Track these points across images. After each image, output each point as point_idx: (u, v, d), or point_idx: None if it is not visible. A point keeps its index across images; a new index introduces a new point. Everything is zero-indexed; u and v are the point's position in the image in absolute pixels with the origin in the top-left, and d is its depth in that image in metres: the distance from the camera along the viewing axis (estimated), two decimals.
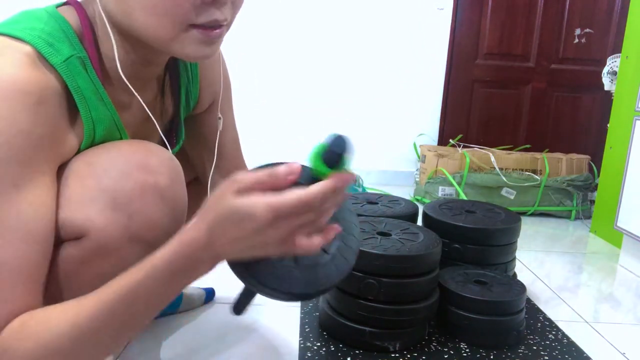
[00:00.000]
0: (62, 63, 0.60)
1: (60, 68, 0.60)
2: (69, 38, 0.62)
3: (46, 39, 0.60)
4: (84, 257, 0.61)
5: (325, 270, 0.61)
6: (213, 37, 0.61)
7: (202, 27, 0.60)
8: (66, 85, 0.61)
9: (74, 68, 0.61)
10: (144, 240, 0.63)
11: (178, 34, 0.60)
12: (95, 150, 0.64)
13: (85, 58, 0.63)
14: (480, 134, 2.79)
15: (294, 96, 2.73)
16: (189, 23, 0.59)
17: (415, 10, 2.66)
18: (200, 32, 0.60)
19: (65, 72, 0.60)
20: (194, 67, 0.81)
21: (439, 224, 1.18)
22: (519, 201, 2.21)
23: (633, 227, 1.59)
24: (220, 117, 0.82)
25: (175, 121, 0.82)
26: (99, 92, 0.65)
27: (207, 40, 0.61)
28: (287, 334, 1.04)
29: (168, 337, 1.01)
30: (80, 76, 0.62)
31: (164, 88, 0.78)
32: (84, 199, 0.61)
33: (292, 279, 0.58)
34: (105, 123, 0.66)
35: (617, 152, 1.88)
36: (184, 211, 0.69)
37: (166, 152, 0.69)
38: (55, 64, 0.59)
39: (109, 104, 0.66)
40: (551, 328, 1.12)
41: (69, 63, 0.61)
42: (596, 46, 2.68)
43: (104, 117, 0.65)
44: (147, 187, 0.62)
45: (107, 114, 0.66)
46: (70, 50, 0.61)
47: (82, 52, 0.63)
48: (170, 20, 0.59)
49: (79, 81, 0.62)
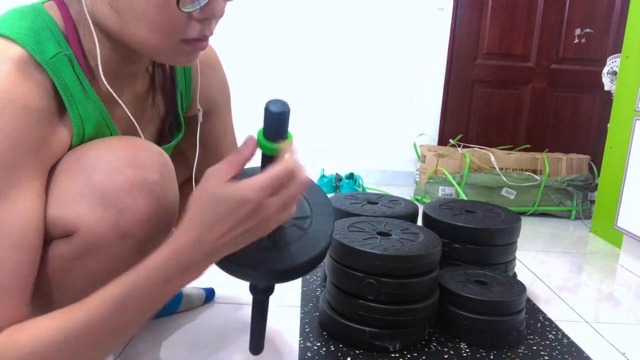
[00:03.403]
0: (49, 60, 0.60)
1: (48, 66, 0.60)
2: (55, 36, 0.62)
3: (33, 37, 0.60)
4: (74, 254, 0.61)
5: (302, 246, 0.64)
6: (199, 49, 0.65)
7: (191, 41, 0.62)
8: (54, 84, 0.61)
9: (61, 66, 0.61)
10: (134, 236, 0.63)
11: (169, 47, 0.62)
12: (84, 147, 0.64)
13: (72, 56, 0.63)
14: (480, 134, 2.79)
15: (294, 96, 2.73)
16: (181, 38, 0.61)
17: (415, 10, 2.66)
18: (189, 46, 0.63)
19: (52, 70, 0.60)
20: (188, 69, 0.81)
21: (439, 224, 1.18)
22: (519, 201, 2.21)
23: (633, 227, 1.59)
24: (200, 108, 0.82)
25: (169, 117, 0.81)
26: (86, 90, 0.64)
27: (194, 52, 0.65)
28: (287, 334, 1.04)
29: (168, 337, 1.01)
30: (67, 74, 0.62)
31: (155, 83, 0.78)
32: (74, 195, 0.61)
33: (271, 258, 0.62)
34: (93, 120, 0.65)
35: (617, 152, 1.88)
36: (174, 206, 0.68)
37: (156, 147, 0.68)
38: (42, 62, 0.59)
39: (97, 101, 0.66)
40: (551, 328, 1.12)
41: (56, 60, 0.61)
42: (596, 46, 2.68)
43: (92, 114, 0.65)
44: (136, 182, 0.62)
45: (96, 111, 0.66)
46: (57, 48, 0.61)
47: (68, 49, 0.62)
48: (164, 35, 0.60)
49: (66, 79, 0.62)
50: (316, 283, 1.27)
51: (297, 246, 0.64)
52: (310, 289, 1.23)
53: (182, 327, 1.06)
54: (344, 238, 0.99)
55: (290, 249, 0.64)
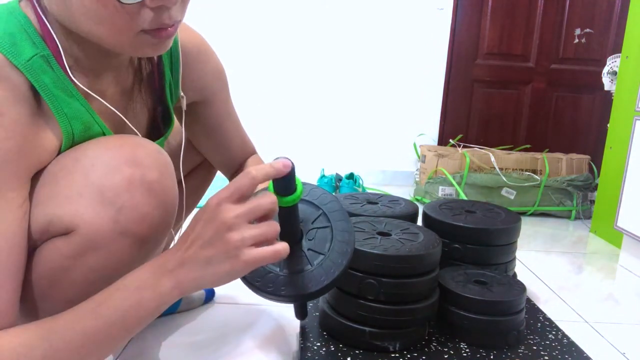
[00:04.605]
0: (26, 63, 0.58)
1: (25, 68, 0.58)
2: (30, 37, 0.60)
3: (8, 39, 0.58)
4: (73, 252, 0.61)
5: (314, 275, 0.68)
6: (164, 37, 0.61)
7: (151, 30, 0.59)
8: (33, 86, 0.59)
9: (39, 67, 0.60)
10: (133, 234, 0.62)
11: (129, 39, 0.59)
12: (82, 146, 0.64)
13: (49, 55, 0.61)
14: (480, 134, 2.79)
15: (294, 96, 2.73)
16: (138, 30, 0.59)
17: (415, 10, 2.66)
18: (151, 36, 0.60)
19: (30, 73, 0.59)
20: (175, 60, 0.80)
21: (439, 224, 1.18)
22: (519, 201, 2.21)
23: (633, 227, 1.59)
24: (183, 95, 0.82)
25: (159, 108, 0.80)
26: (68, 88, 0.63)
27: (160, 42, 0.61)
28: (287, 334, 1.04)
29: (168, 337, 1.01)
30: (47, 74, 0.61)
31: (142, 75, 0.77)
32: (72, 194, 0.60)
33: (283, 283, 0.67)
34: (81, 118, 0.65)
35: (617, 152, 1.88)
36: (174, 204, 0.68)
37: (154, 145, 0.68)
38: (19, 65, 0.58)
39: (81, 98, 0.65)
40: (551, 328, 1.12)
41: (33, 62, 0.59)
42: (596, 46, 2.68)
43: (78, 112, 0.64)
44: (135, 180, 0.62)
45: (81, 109, 0.65)
46: (33, 50, 0.60)
47: (45, 49, 0.61)
48: (117, 29, 0.58)
49: (45, 80, 0.60)
50: None
51: (309, 275, 0.69)
52: None
53: (182, 327, 1.06)
54: None
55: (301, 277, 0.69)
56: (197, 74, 0.84)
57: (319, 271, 0.69)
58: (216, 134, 0.92)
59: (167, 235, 0.69)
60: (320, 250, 0.71)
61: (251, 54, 2.66)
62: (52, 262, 0.62)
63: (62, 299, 0.63)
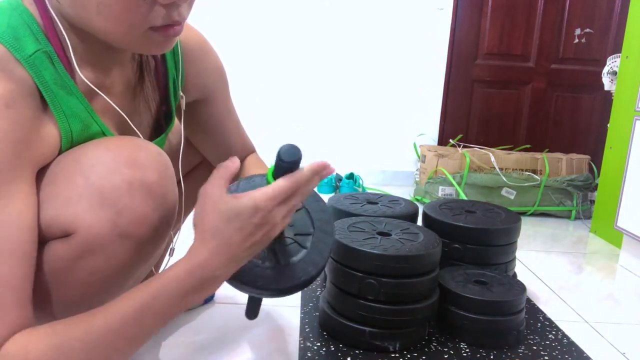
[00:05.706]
0: (28, 58, 0.59)
1: (27, 63, 0.58)
2: (33, 32, 0.60)
3: (11, 33, 0.58)
4: (73, 255, 0.61)
5: (302, 265, 0.69)
6: (171, 35, 0.62)
7: (160, 28, 0.60)
8: (35, 82, 0.59)
9: (41, 63, 0.60)
10: (133, 236, 0.62)
11: (137, 36, 0.60)
12: (82, 148, 0.64)
13: (52, 52, 0.61)
14: (480, 134, 2.79)
15: (294, 96, 2.73)
16: (147, 27, 0.59)
17: (415, 10, 2.66)
18: (159, 34, 0.61)
19: (32, 68, 0.59)
20: (178, 57, 0.80)
21: (439, 224, 1.18)
22: (519, 201, 2.21)
23: (633, 227, 1.59)
24: (183, 95, 0.82)
25: (163, 105, 0.80)
26: (68, 86, 0.63)
27: (167, 40, 0.63)
28: (287, 334, 1.04)
29: (168, 337, 1.01)
30: (48, 71, 0.61)
31: (145, 70, 0.76)
32: (72, 196, 0.60)
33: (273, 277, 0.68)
34: (79, 116, 0.64)
35: (617, 152, 1.88)
36: (174, 206, 0.68)
37: (154, 147, 0.68)
38: (21, 60, 0.58)
39: (81, 97, 0.64)
40: (551, 328, 1.12)
41: (35, 58, 0.59)
42: (596, 46, 2.68)
43: (77, 110, 0.64)
44: (135, 182, 0.62)
45: (80, 107, 0.65)
46: (36, 45, 0.60)
47: (48, 45, 0.61)
48: (128, 25, 0.58)
49: (46, 76, 0.60)
50: (316, 283, 1.27)
51: (299, 265, 0.69)
52: (310, 289, 1.23)
53: (182, 327, 1.06)
54: (344, 238, 0.99)
55: (292, 268, 0.69)
56: (199, 71, 0.84)
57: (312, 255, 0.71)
58: (216, 132, 0.92)
59: (167, 237, 0.69)
60: (307, 231, 0.73)
61: (251, 53, 2.66)
62: (51, 265, 0.62)
63: (61, 302, 0.63)
